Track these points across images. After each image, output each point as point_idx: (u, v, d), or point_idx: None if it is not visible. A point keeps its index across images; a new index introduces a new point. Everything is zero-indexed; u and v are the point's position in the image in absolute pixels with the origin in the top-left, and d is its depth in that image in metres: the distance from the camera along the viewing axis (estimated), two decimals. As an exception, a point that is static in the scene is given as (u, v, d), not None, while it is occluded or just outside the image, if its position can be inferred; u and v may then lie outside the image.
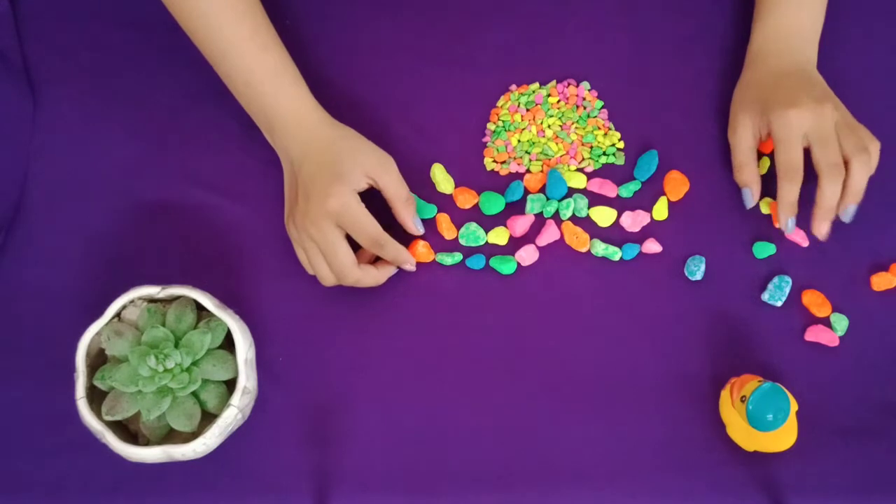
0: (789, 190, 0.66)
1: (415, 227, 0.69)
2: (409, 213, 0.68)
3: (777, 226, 0.68)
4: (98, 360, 0.63)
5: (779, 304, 0.69)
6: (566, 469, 0.66)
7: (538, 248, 0.71)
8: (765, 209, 0.71)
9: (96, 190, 0.73)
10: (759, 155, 0.71)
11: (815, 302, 0.69)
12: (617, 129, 0.74)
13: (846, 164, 0.65)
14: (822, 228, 0.66)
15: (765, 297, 0.69)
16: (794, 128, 0.65)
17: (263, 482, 0.66)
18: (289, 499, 0.65)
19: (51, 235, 0.72)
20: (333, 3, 0.78)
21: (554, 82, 0.75)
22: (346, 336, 0.69)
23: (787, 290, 0.69)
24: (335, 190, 0.64)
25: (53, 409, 0.66)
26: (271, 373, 0.68)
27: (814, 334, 0.68)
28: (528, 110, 0.75)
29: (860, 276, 0.69)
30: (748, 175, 0.69)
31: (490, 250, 0.72)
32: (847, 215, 0.66)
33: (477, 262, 0.71)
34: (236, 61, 0.67)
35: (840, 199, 0.65)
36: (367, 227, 0.66)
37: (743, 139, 0.69)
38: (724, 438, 0.65)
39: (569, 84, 0.75)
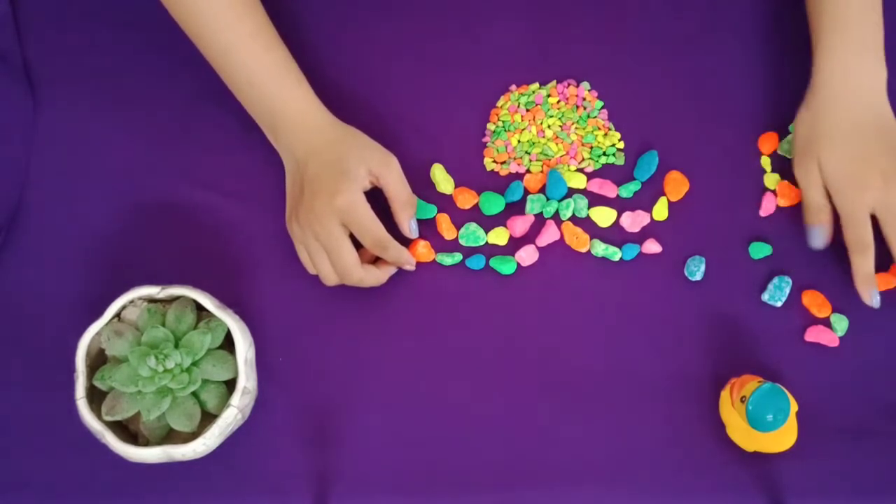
0: (863, 263, 0.65)
1: (409, 229, 0.69)
2: (406, 215, 0.68)
3: (865, 301, 0.66)
4: (98, 360, 0.63)
5: (779, 304, 0.69)
6: (566, 469, 0.66)
7: (538, 248, 0.71)
8: (770, 185, 0.71)
9: (96, 190, 0.73)
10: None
11: (815, 302, 0.69)
12: (617, 129, 0.74)
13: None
14: (873, 291, 0.66)
15: (765, 297, 0.69)
16: (861, 207, 0.64)
17: (263, 482, 0.66)
18: (289, 499, 0.65)
19: (51, 235, 0.72)
20: (334, 4, 0.78)
21: (554, 82, 0.75)
22: (345, 336, 0.69)
23: (787, 290, 0.69)
24: (343, 187, 0.64)
25: (53, 409, 0.66)
26: (271, 373, 0.68)
27: (814, 334, 0.68)
28: (528, 110, 0.75)
29: (860, 276, 0.69)
30: (824, 217, 0.67)
31: (490, 250, 0.72)
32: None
33: (477, 263, 0.71)
34: (239, 61, 0.67)
35: None
36: (372, 227, 0.66)
37: (813, 185, 0.67)
38: (724, 438, 0.65)
39: (569, 84, 0.75)
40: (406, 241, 0.70)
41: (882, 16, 0.67)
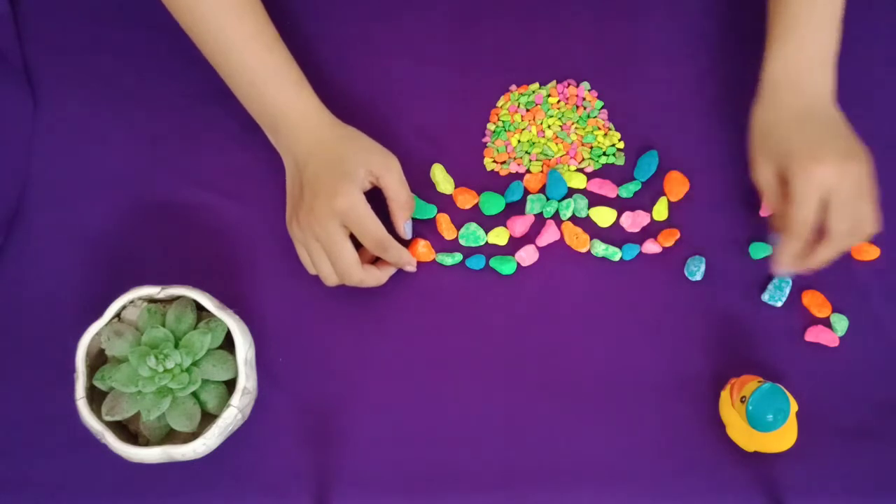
0: (794, 246, 0.64)
1: (404, 230, 0.69)
2: (402, 217, 0.68)
3: (775, 269, 0.66)
4: (98, 360, 0.63)
5: (779, 304, 0.69)
6: (566, 469, 0.66)
7: (538, 248, 0.71)
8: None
9: (96, 190, 0.73)
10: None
11: (815, 302, 0.69)
12: (617, 129, 0.74)
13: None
14: (787, 271, 0.65)
15: (765, 297, 0.69)
16: (816, 186, 0.62)
17: (263, 482, 0.66)
18: (289, 499, 0.65)
19: (51, 235, 0.72)
20: (333, 4, 0.78)
21: (554, 82, 0.75)
22: (345, 336, 0.69)
23: (787, 290, 0.69)
24: (343, 189, 0.64)
25: (53, 409, 0.66)
26: (271, 373, 0.68)
27: (814, 334, 0.68)
28: (528, 110, 0.75)
29: (860, 276, 0.69)
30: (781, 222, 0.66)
31: (490, 250, 0.72)
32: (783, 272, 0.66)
33: (477, 263, 0.71)
34: (239, 62, 0.67)
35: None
36: (373, 228, 0.66)
37: (770, 188, 0.66)
38: (724, 438, 0.65)
39: (569, 84, 0.75)
40: (406, 242, 0.70)
41: (840, 28, 0.66)
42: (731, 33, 0.76)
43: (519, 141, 0.74)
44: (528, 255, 0.70)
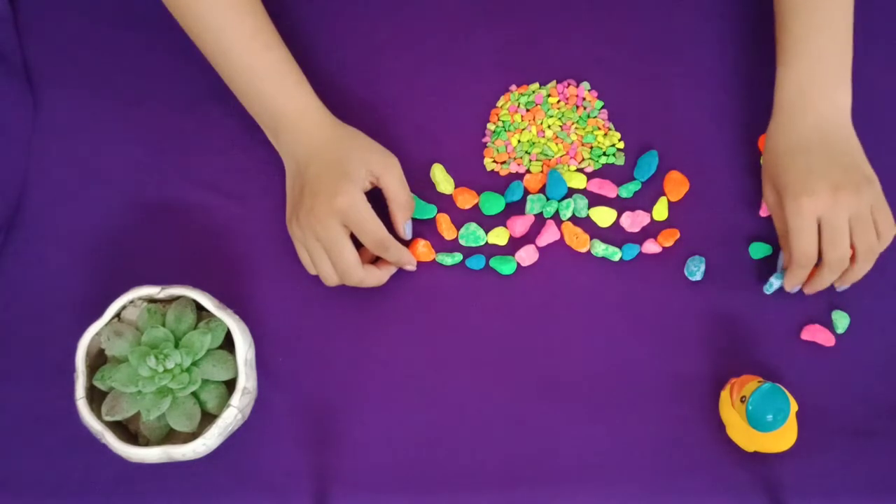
0: (800, 274, 0.65)
1: (404, 231, 0.69)
2: (402, 217, 0.68)
3: (786, 288, 0.67)
4: (98, 360, 0.63)
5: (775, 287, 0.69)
6: (566, 469, 0.66)
7: (538, 248, 0.71)
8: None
9: (96, 190, 0.73)
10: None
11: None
12: (617, 129, 0.74)
13: (852, 256, 0.64)
14: (809, 291, 0.67)
15: (766, 289, 0.69)
16: (806, 217, 0.63)
17: (263, 482, 0.66)
18: (289, 499, 0.65)
19: (51, 235, 0.72)
20: (333, 3, 0.78)
21: (554, 82, 0.75)
22: (345, 336, 0.69)
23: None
24: (343, 188, 0.64)
25: (53, 409, 0.66)
26: (271, 373, 0.68)
27: (810, 333, 0.68)
28: (528, 110, 0.75)
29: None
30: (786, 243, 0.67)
31: (490, 250, 0.72)
32: (840, 288, 0.67)
33: (477, 263, 0.71)
34: (239, 61, 0.67)
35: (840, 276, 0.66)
36: (373, 228, 0.66)
37: (775, 213, 0.67)
38: (724, 439, 0.65)
39: (569, 84, 0.75)
40: (406, 242, 0.70)
41: (851, 38, 0.66)
42: (732, 33, 0.76)
43: (519, 141, 0.74)
44: (528, 255, 0.70)
